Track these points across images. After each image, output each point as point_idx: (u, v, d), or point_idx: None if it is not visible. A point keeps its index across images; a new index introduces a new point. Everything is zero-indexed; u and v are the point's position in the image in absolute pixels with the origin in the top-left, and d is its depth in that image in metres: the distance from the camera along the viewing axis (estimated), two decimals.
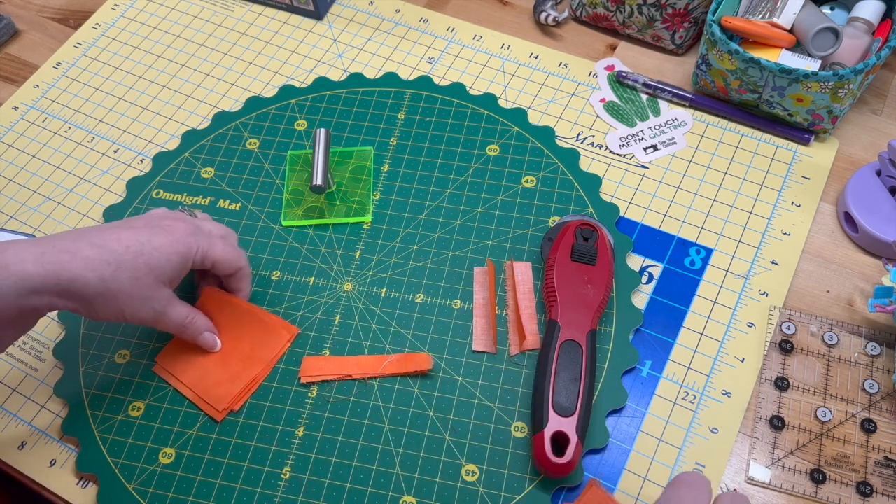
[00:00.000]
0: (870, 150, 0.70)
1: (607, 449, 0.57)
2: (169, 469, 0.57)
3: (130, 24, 0.84)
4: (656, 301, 0.63)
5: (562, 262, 0.60)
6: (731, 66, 0.66)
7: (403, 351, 0.61)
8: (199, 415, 0.59)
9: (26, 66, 0.82)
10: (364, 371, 0.60)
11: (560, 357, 0.56)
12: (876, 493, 0.54)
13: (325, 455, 0.57)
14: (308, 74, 0.78)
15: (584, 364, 0.55)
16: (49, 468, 0.59)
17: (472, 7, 0.83)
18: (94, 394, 0.61)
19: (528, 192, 0.68)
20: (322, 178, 0.65)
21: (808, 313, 0.61)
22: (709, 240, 0.65)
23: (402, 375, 0.60)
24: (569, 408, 0.54)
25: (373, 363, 0.60)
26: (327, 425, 0.58)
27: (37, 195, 0.72)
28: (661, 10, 0.73)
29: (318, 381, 0.60)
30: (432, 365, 0.59)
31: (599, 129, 0.72)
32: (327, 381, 0.60)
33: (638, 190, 0.68)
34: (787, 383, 0.59)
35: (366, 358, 0.61)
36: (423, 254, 0.66)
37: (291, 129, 0.74)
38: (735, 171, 0.69)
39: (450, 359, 0.60)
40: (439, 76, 0.77)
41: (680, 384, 0.59)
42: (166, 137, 0.75)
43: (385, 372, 0.60)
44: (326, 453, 0.57)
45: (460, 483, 0.56)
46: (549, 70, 0.77)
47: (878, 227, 0.63)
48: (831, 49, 0.65)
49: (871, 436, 0.56)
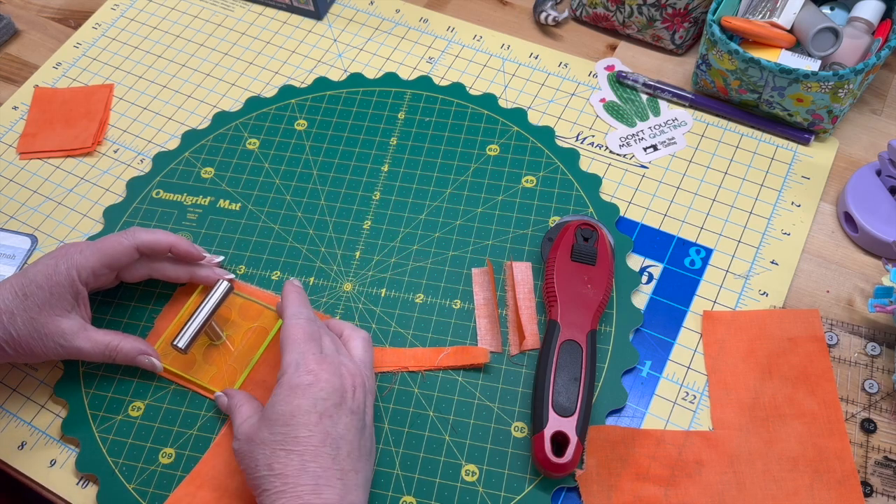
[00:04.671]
0: (870, 150, 0.70)
1: None
2: (169, 469, 0.57)
3: (130, 24, 0.84)
4: (656, 301, 0.63)
5: (562, 262, 0.60)
6: (731, 66, 0.66)
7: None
8: (199, 414, 0.59)
9: (26, 66, 0.82)
10: (421, 364, 0.60)
11: (560, 357, 0.56)
12: (876, 493, 0.54)
13: None
14: (308, 74, 0.78)
15: (584, 364, 0.55)
16: (49, 468, 0.59)
17: (472, 7, 0.83)
18: (94, 394, 0.61)
19: (528, 192, 0.68)
20: (187, 340, 0.57)
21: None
22: (709, 240, 0.65)
23: (458, 368, 0.60)
24: (569, 408, 0.54)
25: (429, 355, 0.60)
26: None
27: (37, 195, 0.72)
28: (661, 10, 0.73)
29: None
30: (489, 358, 0.59)
31: (599, 129, 0.72)
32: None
33: (638, 190, 0.68)
34: None
35: (422, 350, 0.61)
36: (423, 254, 0.66)
37: (291, 129, 0.74)
38: (735, 171, 0.69)
39: None
40: (439, 76, 0.77)
41: (680, 384, 0.59)
42: (166, 137, 0.75)
43: (441, 364, 0.60)
44: None
45: (460, 483, 0.56)
46: (549, 70, 0.77)
47: (878, 227, 0.63)
48: (831, 49, 0.65)
49: (871, 436, 0.56)
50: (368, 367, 0.55)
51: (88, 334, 0.57)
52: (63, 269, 0.56)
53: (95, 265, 0.58)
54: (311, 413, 0.49)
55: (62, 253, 0.58)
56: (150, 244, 0.60)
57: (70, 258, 0.57)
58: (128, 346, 0.58)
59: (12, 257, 0.68)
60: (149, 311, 0.64)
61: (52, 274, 0.56)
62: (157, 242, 0.60)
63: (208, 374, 0.60)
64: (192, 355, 0.61)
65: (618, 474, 0.54)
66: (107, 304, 0.64)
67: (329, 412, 0.50)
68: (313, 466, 0.48)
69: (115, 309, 0.64)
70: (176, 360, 0.61)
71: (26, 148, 0.75)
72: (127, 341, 0.58)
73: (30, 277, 0.56)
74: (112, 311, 0.64)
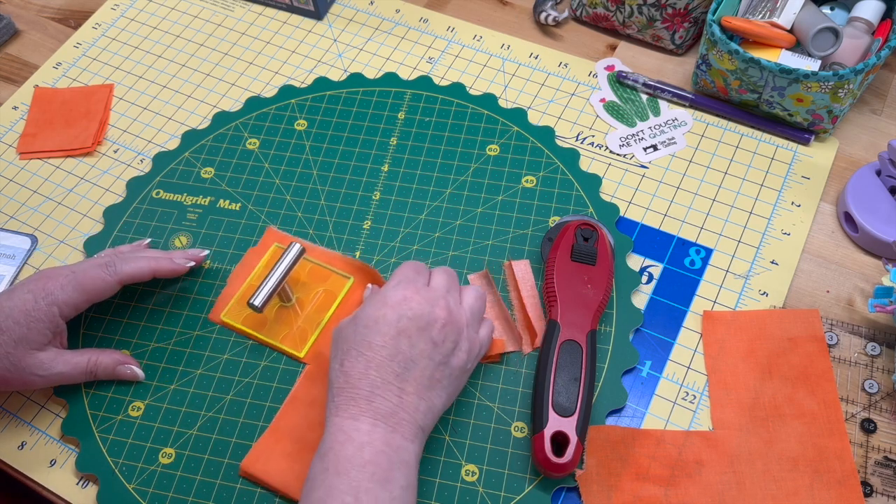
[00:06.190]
0: (870, 150, 0.70)
1: None
2: (169, 469, 0.57)
3: (130, 24, 0.84)
4: (656, 301, 0.63)
5: (562, 262, 0.60)
6: (731, 66, 0.66)
7: None
8: (199, 414, 0.59)
9: (26, 66, 0.82)
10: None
11: (560, 357, 0.56)
12: (876, 493, 0.54)
13: None
14: (308, 74, 0.78)
15: (584, 364, 0.55)
16: (49, 468, 0.59)
17: (472, 7, 0.83)
18: (94, 394, 0.61)
19: (528, 192, 0.68)
20: (262, 299, 0.58)
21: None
22: (709, 240, 0.65)
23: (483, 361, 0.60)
24: (569, 408, 0.54)
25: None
26: None
27: (37, 195, 0.72)
28: (661, 10, 0.73)
29: None
30: (505, 348, 0.60)
31: (599, 129, 0.72)
32: None
33: (638, 190, 0.68)
34: None
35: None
36: (423, 254, 0.66)
37: (291, 129, 0.74)
38: (735, 171, 0.69)
39: None
40: (439, 76, 0.77)
41: (680, 384, 0.59)
42: (166, 137, 0.75)
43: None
44: None
45: (460, 483, 0.56)
46: (549, 70, 0.77)
47: (878, 227, 0.63)
48: (831, 49, 0.65)
49: (870, 436, 0.56)
50: (473, 315, 0.55)
51: (65, 358, 0.57)
52: (43, 307, 0.55)
53: (77, 301, 0.57)
54: (392, 325, 0.51)
55: (40, 287, 0.56)
56: (133, 278, 0.59)
57: (50, 295, 0.56)
58: (106, 359, 0.59)
59: (12, 257, 0.68)
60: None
61: (30, 310, 0.55)
62: (140, 274, 0.59)
63: (279, 333, 0.62)
64: (264, 315, 0.62)
65: (618, 474, 0.54)
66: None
67: (409, 332, 0.51)
68: (374, 375, 0.50)
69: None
70: (249, 319, 0.62)
71: (26, 148, 0.75)
72: (104, 355, 0.59)
73: (5, 312, 0.55)
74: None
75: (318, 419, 0.57)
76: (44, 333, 0.55)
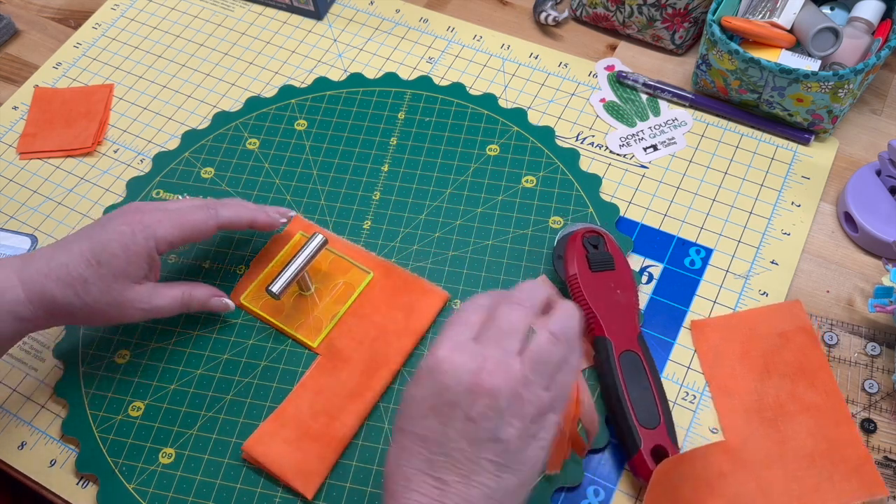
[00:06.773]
0: (870, 150, 0.70)
1: (607, 449, 0.57)
2: (169, 469, 0.57)
3: (130, 24, 0.84)
4: (656, 301, 0.63)
5: (584, 275, 0.58)
6: (731, 66, 0.66)
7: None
8: (199, 414, 0.59)
9: (26, 66, 0.82)
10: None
11: (623, 371, 0.54)
12: None
13: None
14: (308, 74, 0.78)
15: (647, 370, 0.55)
16: (49, 468, 0.59)
17: (472, 7, 0.83)
18: (94, 394, 0.61)
19: (528, 192, 0.68)
20: (280, 286, 0.59)
21: (807, 313, 0.61)
22: (709, 240, 0.65)
23: None
24: (652, 419, 0.53)
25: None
26: None
27: (37, 195, 0.72)
28: (661, 10, 0.73)
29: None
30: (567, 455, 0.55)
31: (599, 129, 0.72)
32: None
33: (638, 190, 0.68)
34: None
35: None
36: (423, 254, 0.66)
37: (291, 129, 0.74)
38: (735, 171, 0.69)
39: None
40: (439, 76, 0.77)
41: (680, 384, 0.59)
42: (166, 137, 0.75)
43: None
44: None
45: None
46: (549, 70, 0.77)
47: (878, 227, 0.63)
48: (831, 49, 0.65)
49: (871, 436, 0.56)
50: (541, 361, 0.42)
51: (162, 291, 0.57)
52: (141, 241, 0.55)
53: (175, 239, 0.56)
54: (421, 404, 0.42)
55: (136, 220, 0.55)
56: (231, 224, 0.59)
57: (148, 228, 0.55)
58: (200, 291, 0.59)
59: None
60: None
61: (129, 244, 0.54)
62: (239, 221, 0.60)
63: (295, 322, 0.62)
64: (282, 302, 0.62)
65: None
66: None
67: (439, 409, 0.41)
68: (405, 466, 0.42)
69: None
70: (266, 305, 0.63)
71: (26, 148, 0.75)
72: (198, 288, 0.59)
73: (102, 244, 0.54)
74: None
75: (322, 408, 0.58)
76: (142, 266, 0.55)
